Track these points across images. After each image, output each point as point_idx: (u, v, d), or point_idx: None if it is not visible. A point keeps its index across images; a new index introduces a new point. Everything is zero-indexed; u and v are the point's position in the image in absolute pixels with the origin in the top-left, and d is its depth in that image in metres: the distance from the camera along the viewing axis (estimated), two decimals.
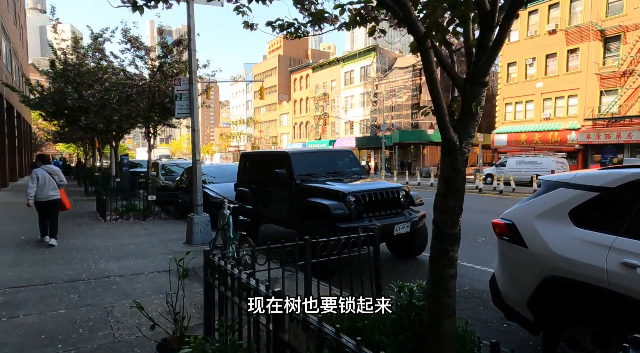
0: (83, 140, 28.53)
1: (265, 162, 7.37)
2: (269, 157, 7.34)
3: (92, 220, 9.99)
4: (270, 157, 7.31)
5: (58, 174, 7.22)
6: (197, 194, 7.20)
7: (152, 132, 10.98)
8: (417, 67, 41.87)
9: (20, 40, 28.14)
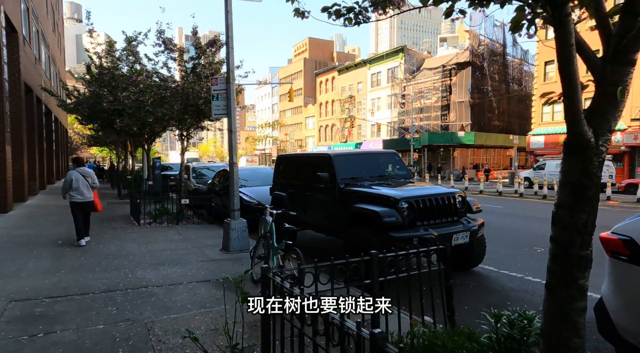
0: (116, 144, 29.18)
1: (305, 165, 6.97)
2: (309, 159, 6.95)
3: (127, 223, 9.88)
4: (310, 160, 6.92)
5: (91, 176, 7.47)
6: (233, 198, 6.89)
7: (185, 134, 10.81)
8: (447, 67, 40.79)
9: (58, 48, 29.11)
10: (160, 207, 10.57)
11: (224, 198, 10.81)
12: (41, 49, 19.32)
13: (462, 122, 39.69)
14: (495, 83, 41.63)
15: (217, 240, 7.75)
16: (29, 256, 6.20)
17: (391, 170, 6.58)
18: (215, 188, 11.77)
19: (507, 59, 43.21)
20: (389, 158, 6.75)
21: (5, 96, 10.43)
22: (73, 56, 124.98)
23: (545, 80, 31.49)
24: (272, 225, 4.96)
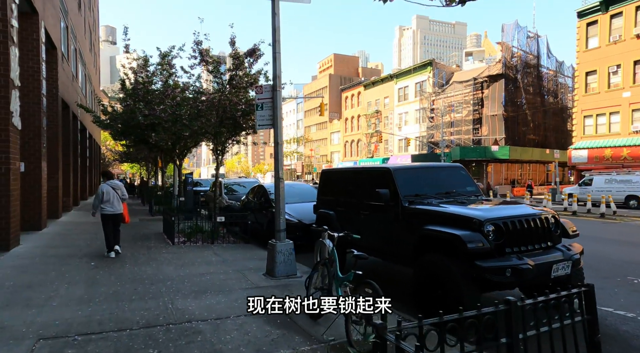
0: (146, 160, 29.45)
1: (358, 180, 6.27)
2: (362, 174, 6.23)
3: (160, 242, 9.40)
4: (363, 175, 6.20)
5: (121, 188, 7.85)
6: (279, 218, 6.23)
7: (220, 148, 10.36)
8: (479, 80, 39.66)
9: (94, 67, 29.97)
10: (194, 225, 10.08)
11: (260, 216, 10.23)
12: (78, 67, 19.69)
13: (496, 136, 38.22)
14: (530, 96, 40.11)
15: (259, 263, 7.10)
16: (62, 280, 5.71)
17: (458, 186, 5.78)
18: (250, 205, 11.21)
19: (541, 71, 41.70)
20: (455, 172, 5.96)
21: (43, 112, 10.31)
22: (107, 77, 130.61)
23: (586, 91, 29.92)
24: (334, 251, 4.25)
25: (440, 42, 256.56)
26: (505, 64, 37.84)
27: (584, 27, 29.78)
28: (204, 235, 9.84)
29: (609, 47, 28.04)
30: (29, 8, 9.56)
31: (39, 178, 9.98)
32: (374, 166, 6.02)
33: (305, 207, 9.63)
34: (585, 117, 30.05)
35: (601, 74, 28.65)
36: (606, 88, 28.38)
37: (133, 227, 11.97)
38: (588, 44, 29.67)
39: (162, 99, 10.82)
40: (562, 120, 45.56)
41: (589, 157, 29.21)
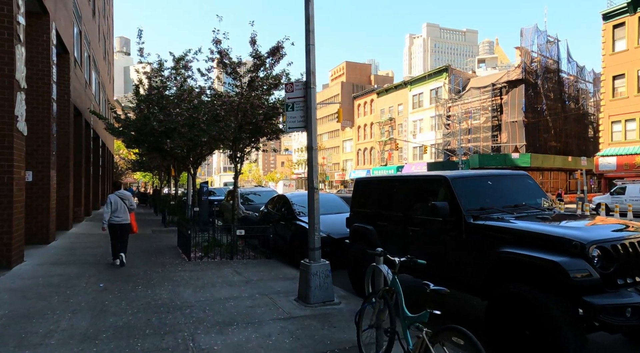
0: (159, 169, 29.00)
1: (404, 190, 5.41)
2: (411, 183, 5.37)
3: (175, 258, 8.62)
4: (412, 184, 5.34)
5: (129, 198, 7.88)
6: (314, 234, 5.40)
7: (240, 155, 9.61)
8: (497, 86, 38.60)
9: (107, 75, 29.80)
10: (211, 239, 9.30)
11: (282, 229, 9.41)
12: (92, 74, 19.32)
13: (516, 143, 36.99)
14: (550, 101, 38.86)
15: (287, 285, 6.25)
16: (64, 308, 4.93)
17: (527, 197, 4.89)
18: (270, 216, 10.41)
19: (561, 76, 40.47)
20: (522, 181, 5.06)
21: (53, 117, 9.72)
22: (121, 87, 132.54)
23: (614, 96, 28.67)
24: (397, 281, 3.38)
25: (451, 49, 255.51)
26: (525, 69, 36.78)
27: (610, 30, 28.67)
28: (222, 249, 9.06)
29: (638, 50, 26.86)
30: (40, 8, 9.02)
31: (47, 188, 9.34)
32: (424, 174, 5.15)
33: (332, 219, 8.80)
34: (613, 123, 28.76)
35: (630, 77, 27.43)
36: (635, 92, 27.13)
37: (146, 240, 11.25)
38: (615, 47, 28.52)
39: (178, 103, 10.16)
40: (584, 127, 44.12)
41: (617, 165, 27.87)
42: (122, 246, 7.72)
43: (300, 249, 8.32)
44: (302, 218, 8.79)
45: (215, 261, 8.36)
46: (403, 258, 3.50)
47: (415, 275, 5.28)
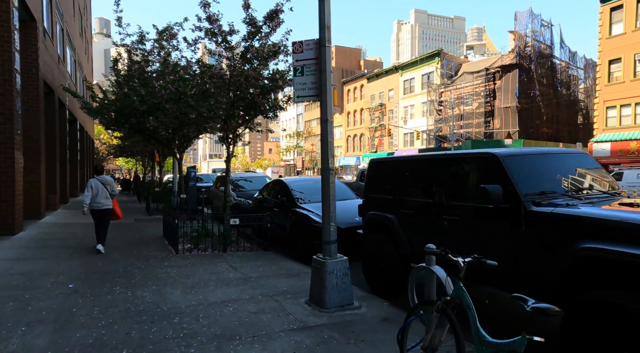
0: (143, 154, 27.57)
1: (438, 172, 4.51)
2: (446, 163, 4.45)
3: (161, 250, 7.64)
4: (448, 164, 4.43)
5: (110, 184, 7.56)
6: (329, 225, 4.49)
7: (232, 136, 8.58)
8: (491, 71, 37.92)
9: (85, 54, 27.98)
10: (201, 228, 8.31)
11: (280, 217, 8.49)
12: (66, 50, 17.79)
13: (509, 129, 36.57)
14: (543, 87, 38.44)
15: (292, 282, 5.37)
16: (19, 318, 3.94)
17: None
18: (265, 204, 9.46)
19: (554, 62, 40.03)
20: (583, 161, 4.23)
21: (16, 91, 8.48)
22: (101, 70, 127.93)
23: (609, 80, 28.26)
24: (463, 290, 2.51)
25: (439, 36, 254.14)
26: (519, 53, 36.13)
27: (607, 12, 28.08)
28: (214, 240, 8.12)
29: (636, 33, 26.37)
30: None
31: (11, 172, 8.19)
32: (466, 152, 4.26)
33: (338, 206, 7.90)
34: (608, 108, 28.43)
35: (626, 61, 26.99)
36: (632, 77, 26.74)
37: (128, 229, 10.20)
38: (612, 30, 27.98)
39: (162, 76, 9.03)
40: (574, 114, 44.00)
41: (612, 151, 27.63)
42: (102, 233, 7.51)
43: (302, 239, 7.44)
44: (304, 206, 7.88)
45: (207, 254, 7.41)
46: (468, 258, 2.61)
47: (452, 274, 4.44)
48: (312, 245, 7.17)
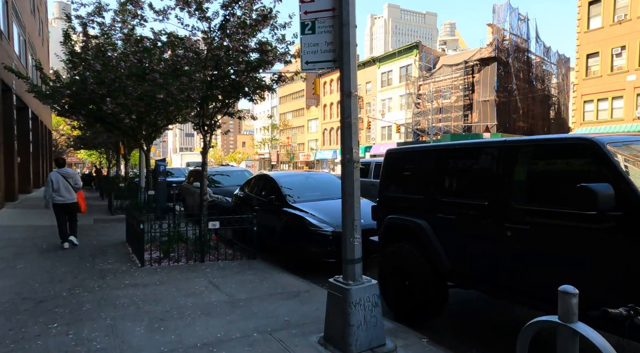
0: (106, 147, 25.34)
1: (497, 165, 3.39)
2: (513, 152, 3.30)
3: (123, 261, 6.23)
4: (516, 154, 3.29)
5: (73, 176, 7.28)
6: (352, 238, 3.32)
7: (209, 123, 7.22)
8: (469, 64, 37.65)
9: (39, 36, 25.33)
10: (172, 232, 6.91)
11: (267, 218, 7.22)
12: (12, 26, 15.61)
13: (487, 123, 36.48)
14: (519, 81, 38.60)
15: (293, 306, 4.17)
16: None
17: None
18: (248, 202, 8.17)
19: (530, 56, 40.29)
20: None
21: None
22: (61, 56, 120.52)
23: (587, 75, 28.41)
24: None
25: (411, 31, 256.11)
26: (497, 46, 35.99)
27: (585, 6, 28.12)
28: (188, 246, 6.78)
29: (613, 28, 26.49)
30: None
31: None
32: (543, 137, 3.16)
33: (337, 206, 6.72)
34: (586, 102, 28.60)
35: (604, 56, 27.13)
36: (609, 71, 26.91)
37: (84, 233, 8.64)
38: (590, 24, 28.06)
39: (124, 52, 7.52)
40: (548, 107, 44.67)
41: None
42: (71, 228, 7.32)
43: (296, 245, 6.24)
44: (296, 205, 6.65)
45: (180, 265, 6.07)
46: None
47: (496, 296, 3.37)
48: (309, 252, 5.98)
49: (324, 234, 5.86)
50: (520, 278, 3.15)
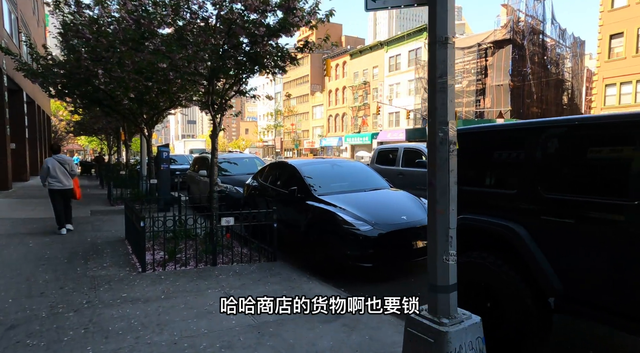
0: (106, 132, 24.31)
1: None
2: None
3: (120, 265, 5.25)
4: None
5: (69, 163, 7.35)
6: (445, 254, 2.26)
7: (220, 102, 6.15)
8: (483, 46, 36.07)
9: (34, 15, 24.05)
10: (179, 227, 5.90)
11: (289, 212, 6.20)
12: (2, 2, 14.41)
13: (500, 108, 35.11)
14: (534, 65, 37.04)
15: (341, 337, 3.19)
16: None
17: None
18: (264, 193, 7.15)
19: (545, 39, 38.63)
20: None
21: None
22: None
23: (610, 56, 26.96)
24: None
25: (416, 16, 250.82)
26: (512, 28, 34.35)
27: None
28: (197, 243, 5.81)
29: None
30: None
31: None
32: None
33: (371, 199, 5.72)
34: (607, 86, 27.23)
35: (629, 36, 25.64)
36: (634, 52, 25.46)
37: (78, 228, 7.67)
38: (614, 3, 26.49)
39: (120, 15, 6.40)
40: (562, 93, 43.12)
41: None
42: (66, 214, 7.35)
43: (325, 245, 5.24)
44: (324, 198, 5.63)
45: (189, 270, 5.10)
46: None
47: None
48: (341, 255, 4.99)
49: (361, 234, 4.85)
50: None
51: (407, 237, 5.01)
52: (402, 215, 5.20)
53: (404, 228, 4.97)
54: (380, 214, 5.16)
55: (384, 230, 4.90)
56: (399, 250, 4.99)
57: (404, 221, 5.08)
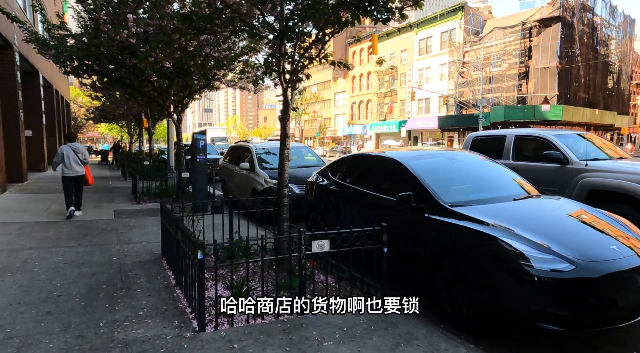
0: (127, 119, 22.77)
1: None
2: None
3: (164, 315, 3.44)
4: None
5: (82, 151, 7.60)
6: None
7: (295, 66, 4.24)
8: (527, 26, 33.06)
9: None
10: (228, 245, 4.03)
11: (395, 229, 4.29)
12: None
13: (546, 93, 32.26)
14: (583, 46, 33.87)
15: None
16: None
17: None
18: (347, 198, 5.23)
19: (594, 17, 35.29)
20: None
21: None
22: None
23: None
24: None
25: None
26: (562, 4, 31.20)
27: None
28: (276, 276, 3.99)
29: None
30: None
31: None
32: None
33: (544, 214, 3.76)
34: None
35: None
36: None
37: (101, 237, 5.93)
38: None
39: None
40: (609, 76, 39.74)
41: None
42: (76, 199, 7.55)
43: (475, 291, 3.33)
44: (461, 211, 3.68)
45: (268, 324, 3.26)
46: None
47: None
48: (511, 311, 3.06)
49: (559, 277, 2.92)
50: None
51: (632, 281, 3.05)
52: (610, 244, 3.23)
53: (628, 269, 3.01)
54: (574, 242, 3.21)
55: (596, 271, 2.96)
56: (616, 305, 3.05)
57: (620, 255, 3.11)
